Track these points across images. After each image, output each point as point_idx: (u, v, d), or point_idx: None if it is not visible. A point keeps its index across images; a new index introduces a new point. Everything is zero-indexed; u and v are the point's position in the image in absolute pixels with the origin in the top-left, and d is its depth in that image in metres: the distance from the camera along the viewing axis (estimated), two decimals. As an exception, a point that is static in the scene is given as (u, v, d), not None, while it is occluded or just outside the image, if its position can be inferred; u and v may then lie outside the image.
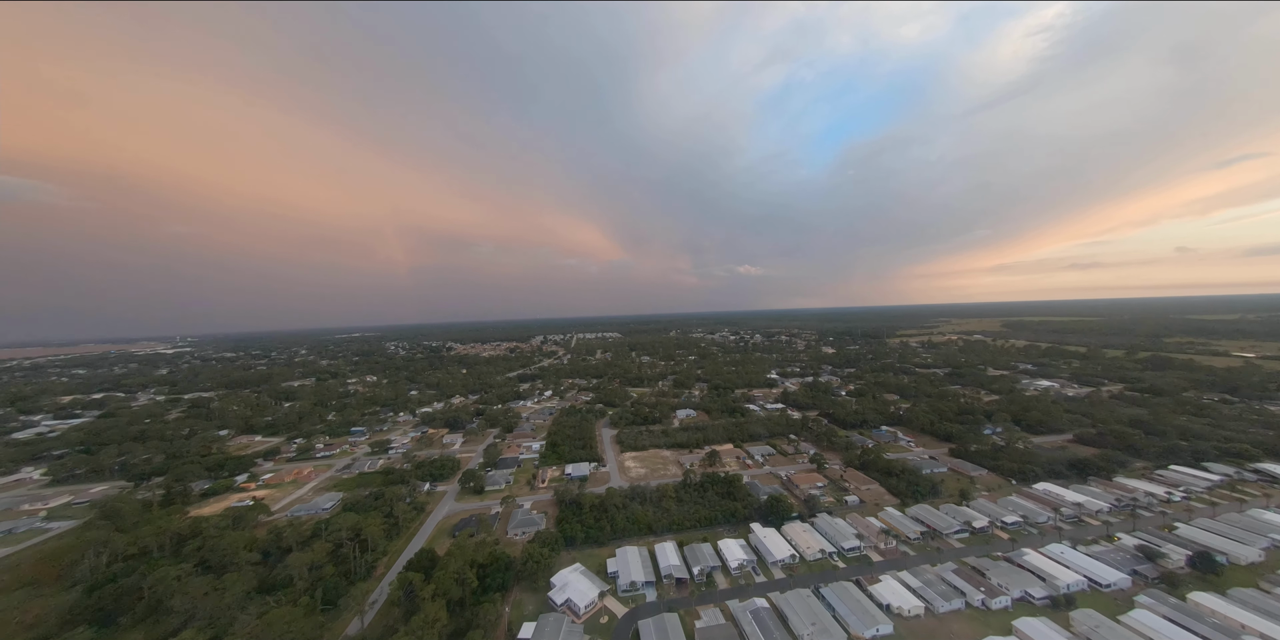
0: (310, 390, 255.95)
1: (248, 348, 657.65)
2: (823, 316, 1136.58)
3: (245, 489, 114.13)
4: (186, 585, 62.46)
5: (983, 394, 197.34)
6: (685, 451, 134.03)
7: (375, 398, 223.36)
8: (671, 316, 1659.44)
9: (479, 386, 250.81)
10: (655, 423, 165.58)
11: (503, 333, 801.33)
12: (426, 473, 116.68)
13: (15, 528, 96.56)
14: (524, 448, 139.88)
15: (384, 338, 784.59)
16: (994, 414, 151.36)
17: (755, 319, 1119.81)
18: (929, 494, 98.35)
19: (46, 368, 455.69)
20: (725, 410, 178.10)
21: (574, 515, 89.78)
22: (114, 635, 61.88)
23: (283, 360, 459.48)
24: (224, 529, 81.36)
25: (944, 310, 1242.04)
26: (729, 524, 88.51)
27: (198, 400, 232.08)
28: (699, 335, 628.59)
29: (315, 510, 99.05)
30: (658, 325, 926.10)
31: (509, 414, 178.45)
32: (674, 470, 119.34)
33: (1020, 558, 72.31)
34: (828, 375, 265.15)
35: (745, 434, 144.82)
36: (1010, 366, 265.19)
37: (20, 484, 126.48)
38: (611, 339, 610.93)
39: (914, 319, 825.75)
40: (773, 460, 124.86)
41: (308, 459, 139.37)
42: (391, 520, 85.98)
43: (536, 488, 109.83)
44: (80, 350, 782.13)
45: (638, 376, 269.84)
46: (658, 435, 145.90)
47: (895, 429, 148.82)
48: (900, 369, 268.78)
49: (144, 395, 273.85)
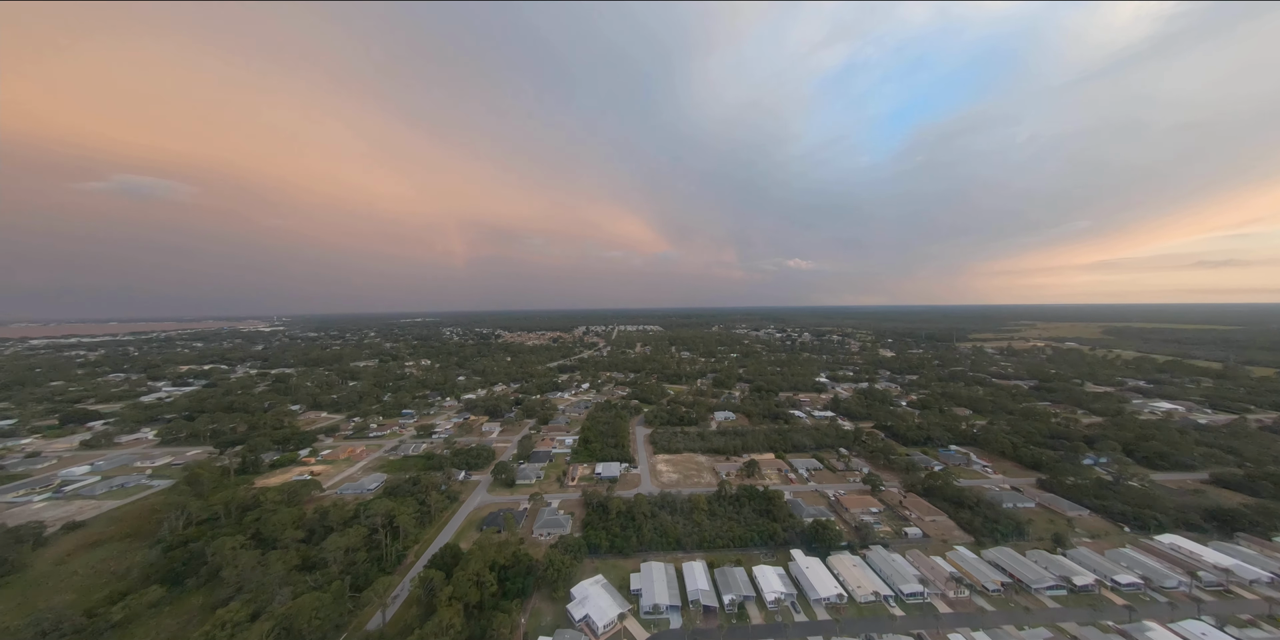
0: (372, 371, 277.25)
1: (328, 328, 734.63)
2: (880, 315, 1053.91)
3: (306, 463, 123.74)
4: (237, 557, 66.69)
5: (1080, 414, 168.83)
6: (721, 458, 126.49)
7: (426, 381, 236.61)
8: (714, 311, 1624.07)
9: (520, 375, 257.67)
10: (691, 424, 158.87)
11: (548, 322, 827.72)
12: (463, 461, 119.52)
13: (126, 482, 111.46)
14: (557, 441, 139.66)
15: (442, 323, 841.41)
16: (1097, 440, 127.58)
17: (804, 316, 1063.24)
18: (1011, 534, 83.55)
19: (175, 340, 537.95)
20: (767, 415, 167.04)
21: (600, 520, 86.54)
22: (180, 596, 67.80)
23: (354, 341, 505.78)
24: (279, 504, 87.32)
25: (1026, 312, 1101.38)
26: (766, 547, 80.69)
27: (281, 376, 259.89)
28: (742, 331, 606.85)
29: (360, 490, 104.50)
30: (700, 319, 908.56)
31: (546, 405, 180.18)
32: (708, 478, 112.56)
33: (1142, 633, 57.98)
34: (885, 382, 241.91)
35: (789, 443, 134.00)
36: (1116, 382, 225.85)
37: (138, 443, 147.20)
38: (652, 332, 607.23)
39: (989, 321, 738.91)
40: (819, 476, 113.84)
41: (362, 438, 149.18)
42: (424, 508, 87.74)
43: (566, 485, 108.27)
44: (202, 326, 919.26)
45: (676, 373, 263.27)
46: (693, 438, 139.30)
47: (967, 450, 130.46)
48: (973, 379, 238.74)
49: (241, 368, 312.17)
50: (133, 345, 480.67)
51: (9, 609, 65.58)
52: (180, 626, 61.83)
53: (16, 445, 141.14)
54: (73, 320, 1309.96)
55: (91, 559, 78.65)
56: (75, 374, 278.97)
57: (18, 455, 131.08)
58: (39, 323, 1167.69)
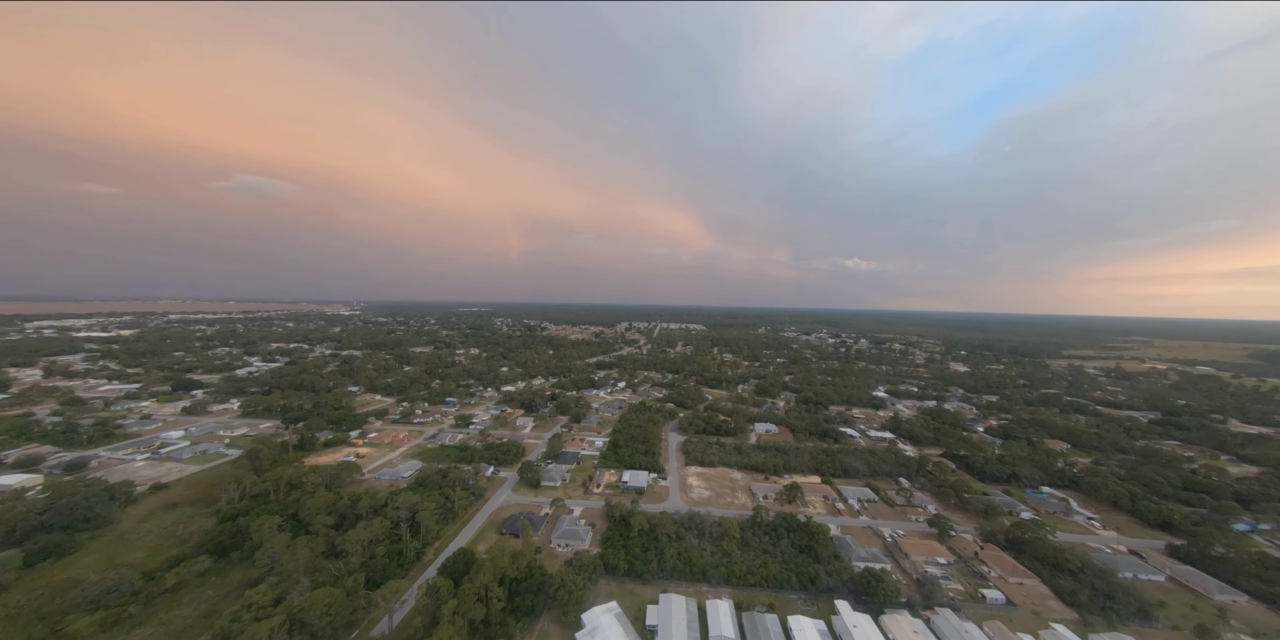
0: (425, 357, 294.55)
1: (395, 314, 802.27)
2: (951, 323, 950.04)
3: (354, 445, 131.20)
4: (271, 538, 69.43)
5: (1225, 461, 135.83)
6: (759, 477, 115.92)
7: (472, 370, 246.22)
8: (762, 311, 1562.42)
9: (560, 369, 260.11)
10: (729, 435, 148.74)
11: (592, 316, 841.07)
12: (493, 456, 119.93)
13: (208, 449, 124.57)
14: (587, 443, 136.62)
15: (495, 313, 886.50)
16: (1255, 500, 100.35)
17: (861, 320, 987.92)
18: (1132, 617, 66.11)
19: (273, 320, 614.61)
20: (815, 431, 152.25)
21: (620, 536, 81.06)
22: (224, 568, 72.16)
23: (416, 328, 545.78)
24: (319, 486, 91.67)
25: (1138, 326, 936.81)
26: (804, 592, 70.52)
27: (348, 357, 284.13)
28: (791, 334, 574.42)
29: (396, 477, 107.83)
30: (746, 320, 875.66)
31: (580, 403, 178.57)
32: (742, 499, 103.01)
33: None
34: (958, 401, 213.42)
35: (838, 467, 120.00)
36: (1276, 422, 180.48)
37: (225, 412, 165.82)
38: (695, 331, 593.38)
39: (1089, 335, 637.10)
40: (873, 510, 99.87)
41: (407, 423, 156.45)
42: (449, 504, 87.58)
43: (590, 492, 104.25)
44: (296, 307, 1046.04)
45: (717, 377, 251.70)
46: (729, 451, 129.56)
47: (1066, 495, 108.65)
48: (1071, 405, 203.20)
49: (319, 348, 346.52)
50: (241, 323, 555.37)
51: (94, 562, 73.52)
52: (218, 599, 65.27)
53: (136, 408, 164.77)
54: (202, 298, 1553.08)
55: (166, 520, 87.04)
56: (193, 346, 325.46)
57: (135, 417, 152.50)
58: (179, 300, 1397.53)
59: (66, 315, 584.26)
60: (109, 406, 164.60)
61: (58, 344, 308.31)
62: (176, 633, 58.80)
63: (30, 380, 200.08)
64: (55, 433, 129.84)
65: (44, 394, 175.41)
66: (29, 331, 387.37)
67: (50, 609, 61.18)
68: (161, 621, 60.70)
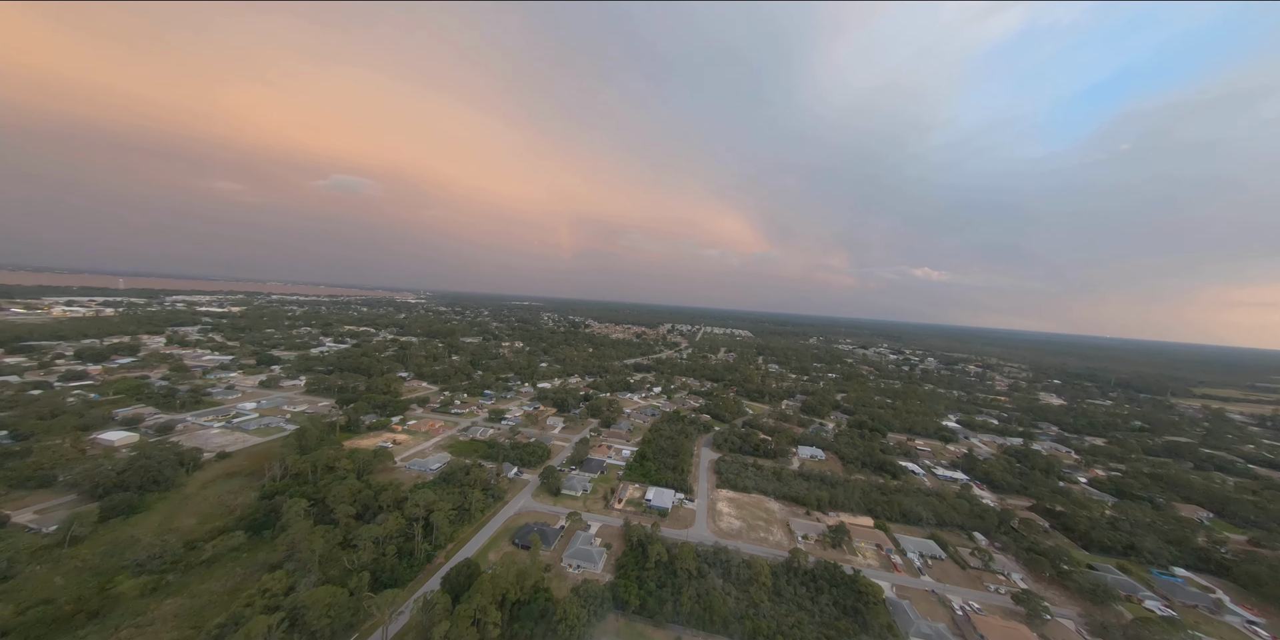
0: (472, 348, 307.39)
1: (455, 304, 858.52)
2: (1040, 344, 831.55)
3: (394, 431, 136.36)
4: (295, 523, 70.89)
5: None
6: (800, 511, 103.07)
7: (513, 364, 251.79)
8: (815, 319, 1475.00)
9: (597, 369, 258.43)
10: (768, 457, 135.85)
11: (635, 315, 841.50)
12: (519, 456, 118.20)
13: (270, 422, 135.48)
14: (614, 450, 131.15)
15: (544, 308, 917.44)
16: None
17: (929, 335, 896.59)
18: None
19: (350, 304, 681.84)
20: (869, 462, 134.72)
21: (635, 564, 73.99)
22: (255, 545, 75.08)
23: (469, 318, 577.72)
24: (350, 472, 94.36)
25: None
26: (848, 668, 58.88)
27: (405, 343, 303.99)
28: (846, 347, 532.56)
29: (424, 468, 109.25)
30: (796, 328, 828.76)
31: (612, 407, 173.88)
32: (778, 536, 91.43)
33: None
34: (1050, 441, 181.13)
35: (896, 509, 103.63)
36: None
37: (293, 388, 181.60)
38: (740, 337, 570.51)
39: (1232, 370, 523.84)
40: (939, 570, 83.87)
41: (445, 413, 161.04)
42: (465, 505, 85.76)
43: (611, 507, 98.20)
44: (371, 294, 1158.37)
45: (759, 389, 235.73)
46: (767, 476, 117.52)
47: (1212, 583, 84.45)
48: (1213, 460, 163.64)
49: (383, 333, 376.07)
50: (325, 305, 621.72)
51: (154, 522, 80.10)
52: (244, 577, 67.45)
53: (225, 378, 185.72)
54: (300, 282, 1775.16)
55: (222, 489, 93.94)
56: (282, 324, 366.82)
57: (222, 386, 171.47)
58: (282, 282, 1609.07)
59: (196, 292, 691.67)
60: (205, 375, 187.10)
61: (183, 316, 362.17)
62: (200, 608, 60.94)
63: (155, 347, 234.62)
64: (159, 396, 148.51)
65: (161, 360, 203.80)
66: (166, 304, 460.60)
67: (107, 566, 66.52)
68: (192, 594, 63.49)
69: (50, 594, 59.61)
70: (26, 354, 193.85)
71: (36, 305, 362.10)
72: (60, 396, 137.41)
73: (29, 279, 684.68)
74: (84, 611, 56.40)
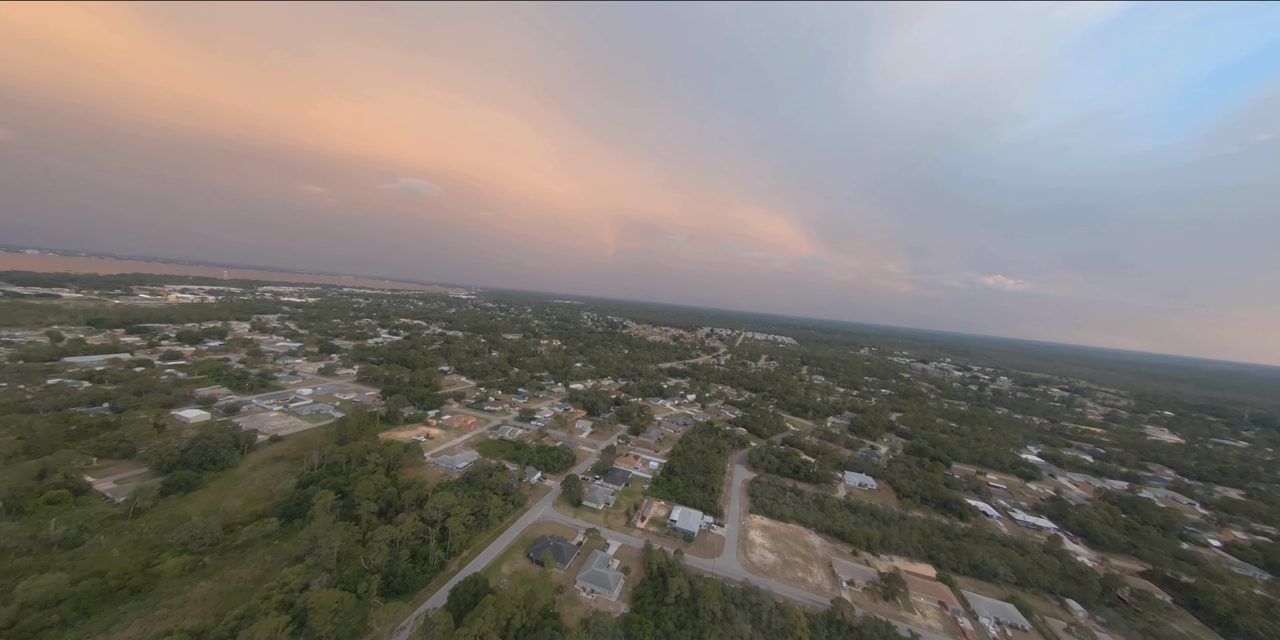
0: (512, 345, 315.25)
1: (501, 301, 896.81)
2: (1145, 367, 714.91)
3: (429, 425, 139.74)
4: (319, 516, 71.87)
5: None
6: (846, 550, 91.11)
7: (549, 362, 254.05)
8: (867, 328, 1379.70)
9: (631, 371, 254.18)
10: (809, 481, 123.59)
11: (673, 317, 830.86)
12: (543, 460, 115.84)
13: (321, 409, 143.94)
14: (640, 461, 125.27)
15: (584, 307, 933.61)
16: None
17: (1002, 351, 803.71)
18: None
19: (408, 298, 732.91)
20: (930, 498, 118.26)
21: (653, 598, 67.47)
22: (286, 533, 77.34)
23: (513, 315, 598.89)
24: (380, 466, 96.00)
25: None
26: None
27: (451, 338, 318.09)
28: (903, 360, 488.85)
29: (451, 466, 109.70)
30: (846, 336, 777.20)
31: (643, 413, 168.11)
32: (818, 577, 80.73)
33: None
34: (1165, 488, 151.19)
35: (964, 559, 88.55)
36: None
37: (346, 377, 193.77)
38: (783, 344, 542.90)
39: None
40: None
41: (478, 409, 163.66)
42: (483, 510, 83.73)
43: (633, 524, 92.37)
44: (428, 289, 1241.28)
45: (802, 402, 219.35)
46: (809, 504, 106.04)
47: None
48: None
49: (433, 327, 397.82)
50: (386, 299, 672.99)
51: (204, 502, 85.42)
52: (271, 564, 69.11)
53: (291, 364, 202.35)
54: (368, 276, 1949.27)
55: (267, 472, 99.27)
56: (348, 315, 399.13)
57: (287, 372, 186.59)
58: (354, 276, 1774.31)
59: (283, 283, 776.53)
60: (275, 360, 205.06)
61: (268, 305, 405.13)
62: (228, 594, 62.73)
63: (240, 332, 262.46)
64: (233, 378, 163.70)
65: (242, 344, 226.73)
66: (257, 294, 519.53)
67: (157, 542, 70.96)
68: (222, 578, 65.77)
69: (104, 566, 64.07)
70: (140, 334, 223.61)
71: (159, 292, 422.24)
72: (156, 374, 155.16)
73: (159, 269, 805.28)
74: (127, 587, 59.68)
